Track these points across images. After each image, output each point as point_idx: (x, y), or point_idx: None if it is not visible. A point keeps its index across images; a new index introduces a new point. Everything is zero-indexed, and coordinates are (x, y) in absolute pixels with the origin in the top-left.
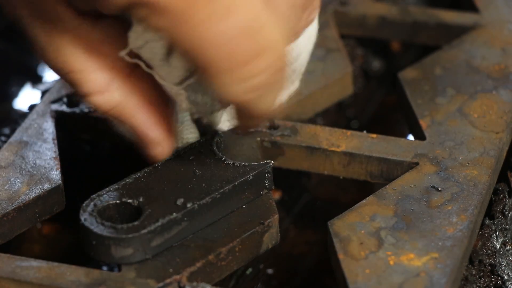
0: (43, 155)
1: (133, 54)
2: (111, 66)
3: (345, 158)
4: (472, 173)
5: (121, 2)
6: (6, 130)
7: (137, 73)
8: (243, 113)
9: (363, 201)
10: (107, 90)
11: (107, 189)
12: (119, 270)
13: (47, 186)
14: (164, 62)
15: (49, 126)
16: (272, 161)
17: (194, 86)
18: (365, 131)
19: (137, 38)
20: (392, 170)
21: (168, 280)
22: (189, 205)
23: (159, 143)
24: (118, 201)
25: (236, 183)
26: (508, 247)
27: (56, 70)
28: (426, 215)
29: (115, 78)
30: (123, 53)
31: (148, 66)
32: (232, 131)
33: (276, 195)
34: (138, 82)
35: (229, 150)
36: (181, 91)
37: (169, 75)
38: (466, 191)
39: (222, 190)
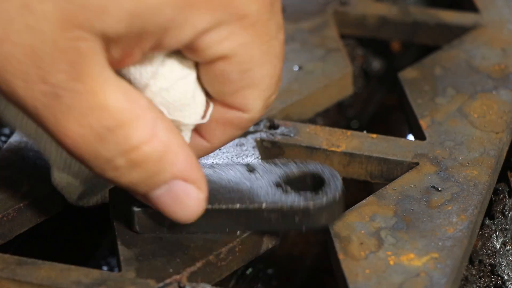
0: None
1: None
2: (149, 104)
3: (345, 158)
4: (472, 173)
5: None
6: (6, 130)
7: None
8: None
9: (363, 201)
10: (155, 133)
11: None
12: (119, 270)
13: (47, 186)
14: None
15: None
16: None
17: None
18: (365, 131)
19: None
20: (392, 170)
21: (168, 280)
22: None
23: (201, 187)
24: None
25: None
26: (508, 247)
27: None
28: (426, 215)
29: (157, 117)
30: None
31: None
32: None
33: None
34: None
35: None
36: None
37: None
38: (466, 191)
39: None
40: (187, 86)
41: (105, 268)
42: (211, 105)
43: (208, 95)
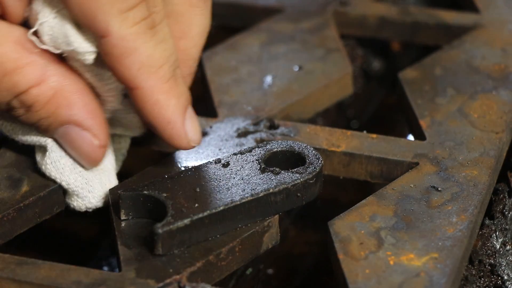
0: None
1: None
2: (42, 52)
3: (345, 158)
4: (472, 173)
5: None
6: None
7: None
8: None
9: (363, 201)
10: (43, 79)
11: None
12: (119, 270)
13: (47, 186)
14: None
15: None
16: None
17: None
18: (365, 131)
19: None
20: (392, 170)
21: (168, 280)
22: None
23: (96, 135)
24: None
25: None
26: (508, 247)
27: None
28: (426, 215)
29: (49, 63)
30: (30, 33)
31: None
32: None
33: None
34: (70, 69)
35: None
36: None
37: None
38: (466, 191)
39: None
40: (63, 19)
41: (105, 268)
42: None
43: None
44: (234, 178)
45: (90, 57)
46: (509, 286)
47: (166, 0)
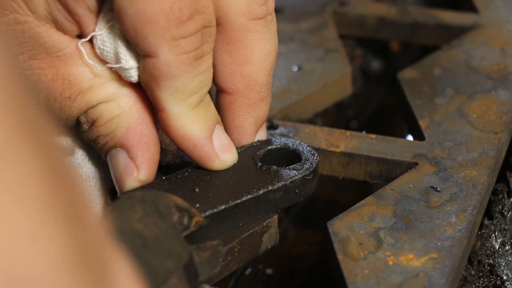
0: None
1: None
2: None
3: (344, 158)
4: (471, 174)
5: None
6: None
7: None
8: None
9: (362, 202)
10: (114, 98)
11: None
12: None
13: None
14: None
15: None
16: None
17: None
18: (364, 132)
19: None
20: (391, 170)
21: None
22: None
23: (139, 167)
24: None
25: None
26: (507, 247)
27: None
28: (425, 215)
29: (123, 85)
30: (80, 43)
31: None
32: None
33: None
34: (142, 98)
35: None
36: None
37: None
38: (465, 191)
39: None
40: (115, 33)
41: None
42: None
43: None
44: (232, 177)
45: (135, 74)
46: (508, 286)
47: (224, 27)
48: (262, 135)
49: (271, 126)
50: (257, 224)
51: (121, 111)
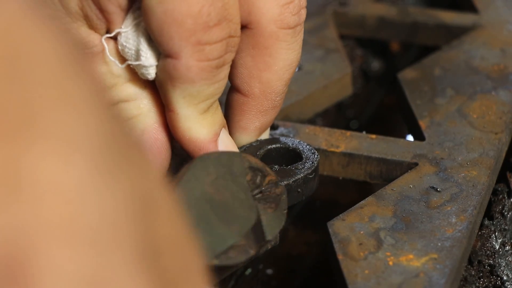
0: None
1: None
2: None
3: (344, 158)
4: (471, 174)
5: None
6: None
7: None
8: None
9: (362, 202)
10: (135, 98)
11: None
12: None
13: None
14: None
15: None
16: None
17: None
18: (364, 132)
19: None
20: (391, 170)
21: None
22: None
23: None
24: None
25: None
26: (507, 248)
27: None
28: (425, 215)
29: (146, 87)
30: (104, 38)
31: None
32: None
33: None
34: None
35: None
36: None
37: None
38: (465, 191)
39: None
40: (139, 31)
41: None
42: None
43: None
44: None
45: (152, 72)
46: (509, 286)
47: (252, 32)
48: (264, 137)
49: (271, 126)
50: None
51: (140, 112)
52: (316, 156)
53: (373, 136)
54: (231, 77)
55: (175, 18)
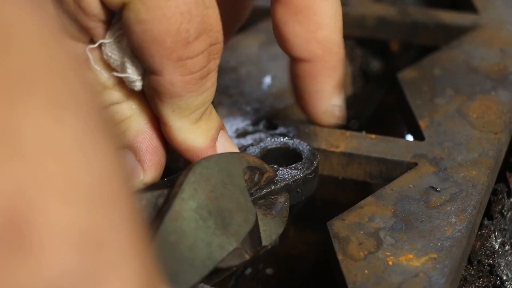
0: None
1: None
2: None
3: (344, 158)
4: (471, 174)
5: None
6: None
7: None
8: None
9: (362, 202)
10: (125, 100)
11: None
12: None
13: None
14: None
15: None
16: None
17: None
18: (364, 132)
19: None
20: (391, 170)
21: None
22: None
23: (146, 171)
24: None
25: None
26: (507, 247)
27: None
28: (425, 215)
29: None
30: (88, 48)
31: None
32: None
33: None
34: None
35: None
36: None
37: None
38: (465, 191)
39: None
40: (124, 43)
41: None
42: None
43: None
44: None
45: (139, 85)
46: (508, 286)
47: (290, 0)
48: (338, 99)
49: (271, 126)
50: None
51: (133, 112)
52: (316, 156)
53: (373, 136)
54: (288, 50)
55: (154, 38)
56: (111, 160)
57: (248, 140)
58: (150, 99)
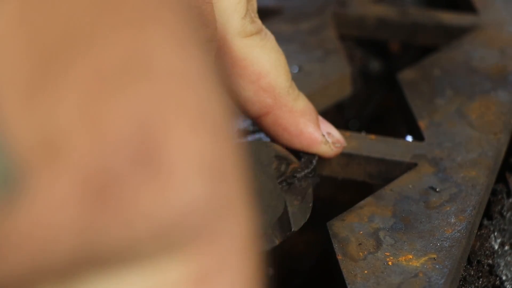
0: None
1: None
2: None
3: (343, 159)
4: (470, 174)
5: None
6: None
7: None
8: None
9: (362, 202)
10: None
11: None
12: None
13: None
14: None
15: None
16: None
17: None
18: (363, 132)
19: None
20: (390, 171)
21: None
22: None
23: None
24: None
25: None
26: (506, 248)
27: None
28: (425, 216)
29: None
30: None
31: None
32: None
33: None
34: None
35: None
36: None
37: None
38: (465, 192)
39: None
40: None
41: None
42: None
43: None
44: None
45: None
46: (508, 286)
47: (224, 50)
48: (327, 126)
49: None
50: None
51: None
52: (315, 155)
53: (373, 136)
54: (244, 110)
55: None
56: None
57: (248, 140)
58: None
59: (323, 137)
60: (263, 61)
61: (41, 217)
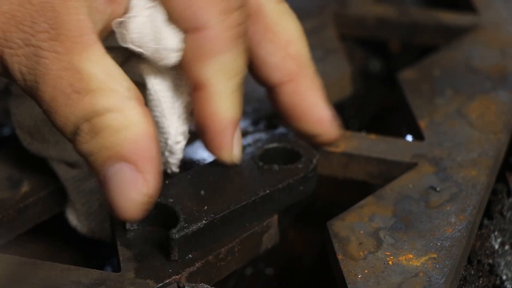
0: None
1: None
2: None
3: (344, 158)
4: (470, 174)
5: None
6: (6, 130)
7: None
8: None
9: (362, 202)
10: (122, 109)
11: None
12: (119, 270)
13: (47, 186)
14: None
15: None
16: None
17: None
18: (364, 132)
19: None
20: (391, 170)
21: (167, 280)
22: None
23: (148, 182)
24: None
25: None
26: (506, 247)
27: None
28: (425, 215)
29: (131, 98)
30: (115, 23)
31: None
32: None
33: None
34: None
35: None
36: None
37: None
38: (465, 191)
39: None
40: (155, 15)
41: (107, 267)
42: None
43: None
44: (235, 177)
45: (174, 55)
46: (508, 286)
47: (257, 16)
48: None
49: (271, 126)
50: (257, 224)
51: (130, 123)
52: (314, 154)
53: (373, 136)
54: (266, 75)
55: None
56: None
57: (248, 139)
58: (189, 64)
59: (331, 116)
60: (292, 28)
61: None
